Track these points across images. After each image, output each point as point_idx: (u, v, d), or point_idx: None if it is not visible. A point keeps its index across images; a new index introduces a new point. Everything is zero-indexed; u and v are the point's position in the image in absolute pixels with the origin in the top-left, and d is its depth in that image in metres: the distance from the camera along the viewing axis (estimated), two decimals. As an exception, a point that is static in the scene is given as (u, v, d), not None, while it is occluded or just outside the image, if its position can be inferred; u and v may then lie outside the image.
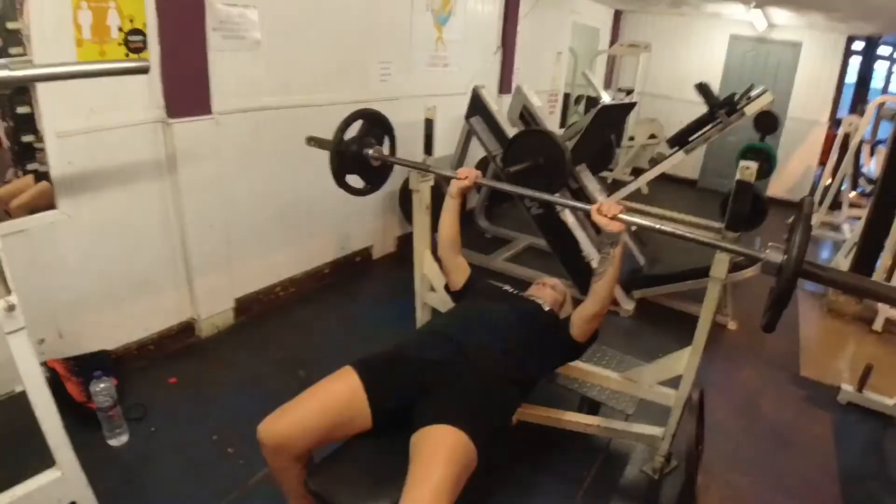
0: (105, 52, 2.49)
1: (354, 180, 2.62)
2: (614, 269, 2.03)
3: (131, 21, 2.56)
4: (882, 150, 5.85)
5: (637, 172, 6.31)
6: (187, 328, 3.22)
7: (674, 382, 2.35)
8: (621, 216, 1.96)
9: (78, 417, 2.42)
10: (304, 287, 3.92)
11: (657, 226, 1.96)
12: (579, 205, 2.07)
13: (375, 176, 2.64)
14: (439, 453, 1.58)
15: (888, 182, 4.36)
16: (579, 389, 2.63)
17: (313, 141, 2.58)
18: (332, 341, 3.37)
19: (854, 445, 3.03)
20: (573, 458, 2.64)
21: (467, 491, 1.64)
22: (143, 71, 1.88)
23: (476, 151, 4.76)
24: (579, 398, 2.72)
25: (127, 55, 2.58)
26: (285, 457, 1.71)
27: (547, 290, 2.44)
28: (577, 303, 2.27)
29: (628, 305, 3.96)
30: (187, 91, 2.85)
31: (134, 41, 2.60)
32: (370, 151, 2.52)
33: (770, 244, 1.67)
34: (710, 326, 2.15)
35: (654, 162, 5.94)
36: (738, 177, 1.94)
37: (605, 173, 7.48)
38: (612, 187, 6.71)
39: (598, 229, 4.35)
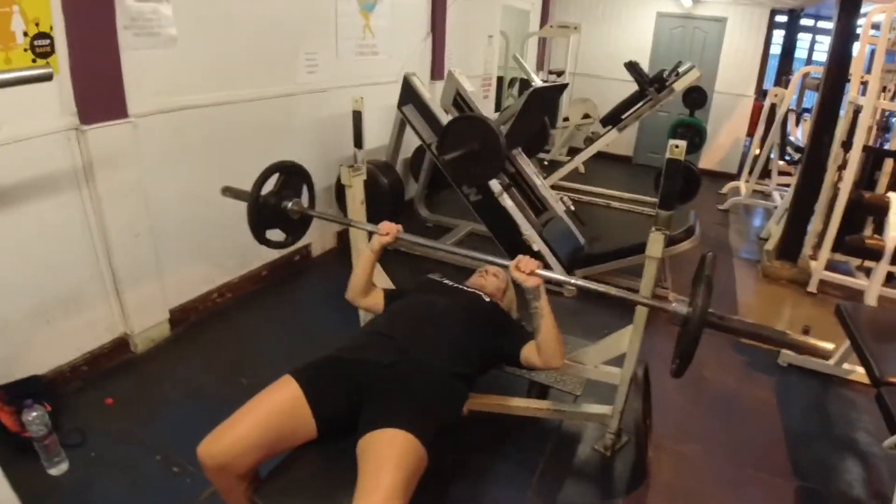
0: (11, 60, 2.31)
1: (275, 233, 2.47)
2: (548, 323, 2.00)
3: (37, 24, 2.38)
4: (808, 120, 6.07)
5: (573, 152, 6.37)
6: (121, 344, 3.06)
7: (619, 361, 2.37)
8: (538, 272, 1.95)
9: (14, 448, 2.29)
10: (242, 291, 3.79)
11: (571, 280, 1.97)
12: (498, 260, 2.04)
13: (296, 228, 2.51)
14: (388, 458, 1.54)
15: (814, 149, 4.52)
16: (527, 375, 2.62)
17: (229, 192, 2.43)
18: (274, 345, 3.27)
19: (797, 407, 3.14)
20: (526, 444, 2.64)
21: (419, 485, 1.61)
22: (46, 78, 1.73)
23: (411, 140, 4.71)
24: (528, 383, 2.72)
25: (34, 61, 2.39)
26: (229, 476, 1.63)
27: (489, 279, 2.43)
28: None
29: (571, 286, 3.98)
30: (100, 95, 2.67)
31: (40, 46, 2.41)
32: (289, 205, 2.38)
33: (677, 298, 1.76)
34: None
35: (590, 141, 6.03)
36: (667, 155, 1.94)
37: (541, 155, 7.54)
38: (549, 168, 6.78)
39: (537, 211, 4.40)
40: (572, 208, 4.62)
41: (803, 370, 3.43)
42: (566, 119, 7.67)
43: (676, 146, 1.92)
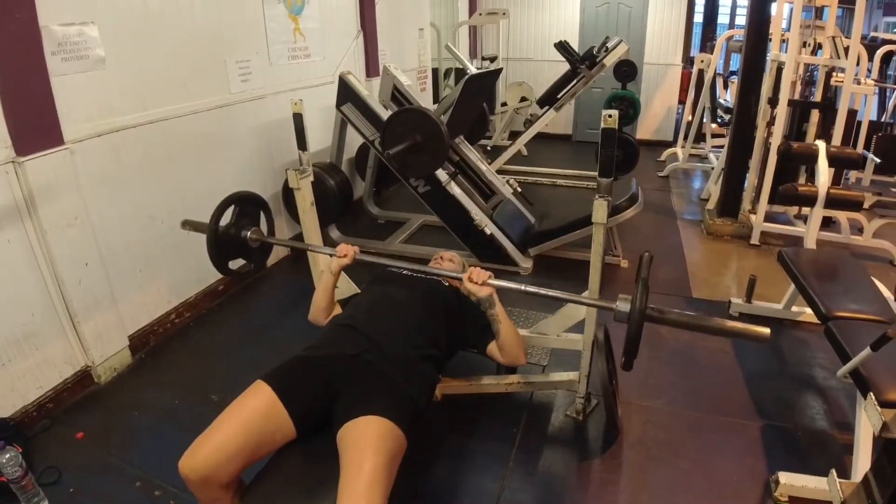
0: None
1: (236, 262, 2.51)
2: (506, 327, 2.10)
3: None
4: (735, 81, 6.31)
5: (515, 136, 6.48)
6: (84, 377, 2.99)
7: (579, 327, 2.46)
8: (490, 281, 2.02)
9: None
10: (200, 308, 3.75)
11: (522, 287, 2.04)
12: (452, 274, 2.10)
13: (257, 255, 2.55)
14: (367, 444, 1.57)
15: (742, 108, 4.72)
16: (494, 353, 2.68)
17: (188, 224, 2.45)
18: (240, 358, 3.25)
19: (753, 352, 3.28)
20: (501, 419, 2.71)
21: (402, 473, 1.64)
22: None
23: (354, 139, 4.71)
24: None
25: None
26: (213, 488, 1.63)
27: (445, 265, 2.48)
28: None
29: (526, 264, 4.07)
30: (35, 124, 2.61)
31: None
32: (248, 234, 2.42)
33: (620, 296, 1.86)
34: (601, 269, 2.24)
35: (529, 123, 6.12)
36: (602, 125, 2.02)
37: (484, 141, 7.62)
38: (492, 153, 6.86)
39: (485, 196, 4.47)
40: (519, 190, 4.71)
41: (755, 317, 3.59)
42: (504, 104, 7.77)
43: (609, 116, 2.01)
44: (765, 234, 4.76)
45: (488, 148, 7.64)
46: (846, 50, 4.34)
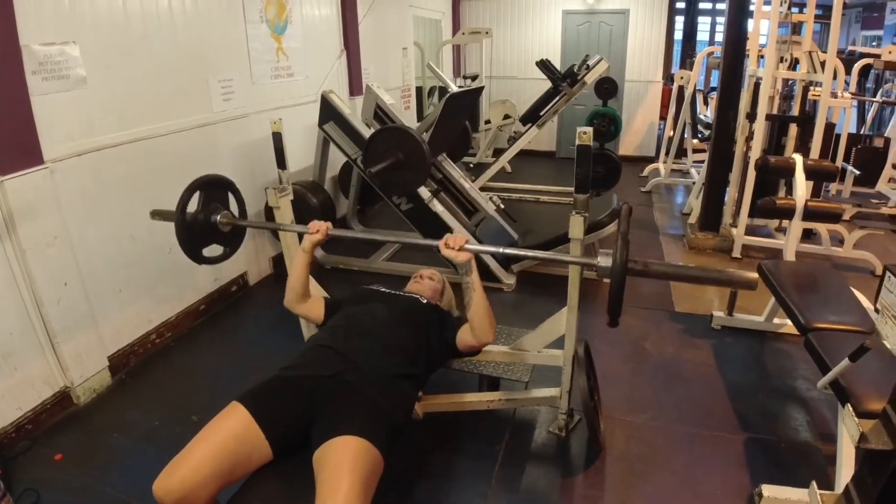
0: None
1: (212, 249, 2.45)
2: (479, 296, 2.07)
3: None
4: (715, 98, 6.40)
5: (499, 153, 6.52)
6: (64, 398, 2.95)
7: (560, 343, 2.46)
8: (467, 246, 2.02)
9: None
10: (181, 328, 3.71)
11: (500, 249, 2.05)
12: (428, 242, 2.11)
13: (231, 238, 2.49)
14: (343, 464, 1.56)
15: (721, 123, 4.78)
16: (475, 370, 2.68)
17: (157, 215, 2.40)
18: (222, 379, 3.21)
19: (735, 365, 3.31)
20: (484, 437, 2.70)
21: (383, 493, 1.61)
22: None
23: (337, 158, 4.72)
24: (478, 378, 2.77)
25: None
26: None
27: (425, 283, 2.48)
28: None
29: (509, 280, 4.08)
30: (14, 143, 2.60)
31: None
32: (218, 218, 2.36)
33: (601, 251, 1.85)
34: (580, 284, 2.25)
35: (513, 140, 6.17)
36: (576, 142, 2.04)
37: (467, 158, 7.67)
38: (476, 171, 6.89)
39: (469, 213, 4.48)
40: (502, 206, 4.73)
41: (736, 330, 3.62)
42: (488, 122, 7.83)
43: (584, 133, 2.03)
44: (746, 248, 4.80)
45: (471, 165, 7.68)
46: (823, 64, 4.42)
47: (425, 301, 2.32)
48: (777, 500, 2.23)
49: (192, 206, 2.29)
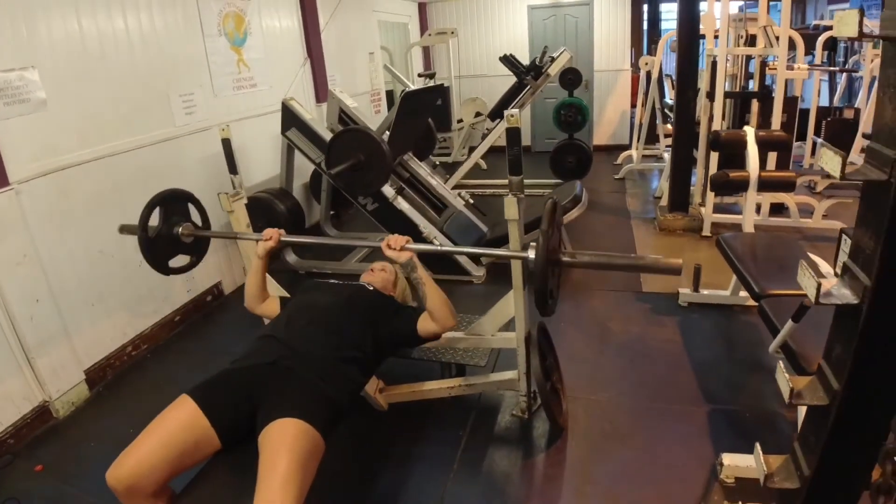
0: None
1: (179, 259, 2.55)
2: (431, 288, 2.13)
3: None
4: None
5: (474, 151, 6.56)
6: (42, 412, 3.01)
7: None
8: (408, 246, 2.11)
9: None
10: (157, 339, 3.76)
11: (438, 248, 2.12)
12: (370, 243, 2.23)
13: (196, 247, 2.59)
14: (280, 445, 1.62)
15: (681, 104, 4.84)
16: (435, 357, 2.73)
17: (125, 229, 2.50)
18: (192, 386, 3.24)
19: (701, 340, 3.35)
20: (448, 423, 2.75)
21: (344, 483, 1.66)
22: None
23: (307, 165, 4.76)
24: (440, 366, 2.81)
25: None
26: (140, 498, 1.67)
27: (377, 274, 2.52)
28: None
29: (479, 272, 4.13)
30: (-22, 167, 2.67)
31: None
32: (179, 230, 2.46)
33: (531, 244, 1.93)
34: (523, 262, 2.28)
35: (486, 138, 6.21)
36: (505, 125, 2.09)
37: (443, 158, 7.72)
38: (451, 168, 6.93)
39: (438, 210, 4.53)
40: (471, 201, 4.78)
41: (703, 305, 3.67)
42: (460, 120, 7.89)
43: (512, 115, 2.08)
44: (716, 226, 4.85)
45: (438, 164, 7.70)
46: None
47: (371, 288, 2.37)
48: (738, 468, 2.27)
49: (156, 220, 2.38)
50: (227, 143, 2.76)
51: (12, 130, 2.84)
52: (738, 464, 2.28)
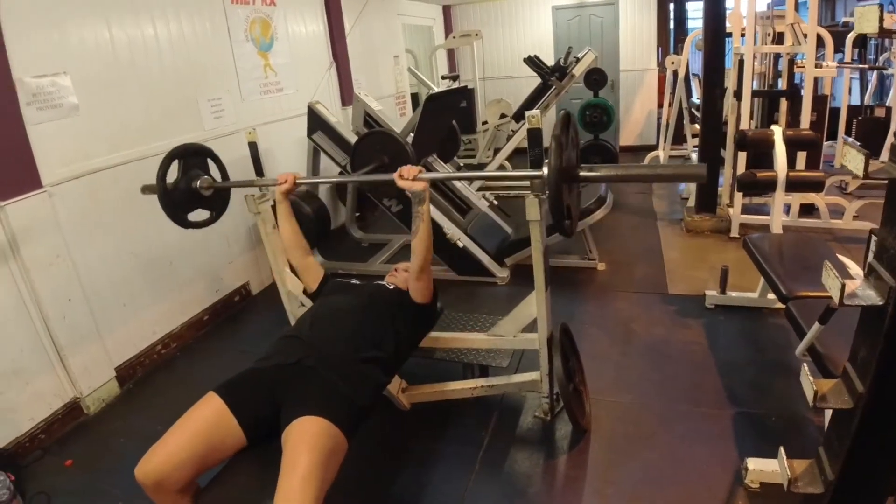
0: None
1: (198, 214, 2.62)
2: (425, 225, 2.17)
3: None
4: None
5: (499, 153, 6.56)
6: (74, 408, 3.10)
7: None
8: (421, 175, 2.13)
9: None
10: (186, 339, 3.84)
11: (456, 174, 2.14)
12: (383, 177, 2.29)
13: (216, 201, 2.65)
14: (302, 443, 1.65)
15: (708, 103, 4.78)
16: (457, 358, 2.74)
17: (147, 189, 2.57)
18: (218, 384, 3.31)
19: (728, 342, 3.30)
20: (470, 424, 2.76)
21: (366, 481, 1.67)
22: None
23: (330, 167, 4.81)
24: (462, 367, 2.82)
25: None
26: (168, 493, 1.71)
27: (400, 275, 2.55)
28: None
29: (502, 273, 4.13)
30: (13, 170, 2.77)
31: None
32: (198, 183, 2.52)
33: (546, 162, 1.91)
34: (544, 263, 2.29)
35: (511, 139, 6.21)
36: (526, 126, 2.10)
37: (468, 160, 7.73)
38: (475, 170, 6.94)
39: (462, 211, 4.54)
40: (495, 203, 4.79)
41: (730, 308, 3.61)
42: (485, 122, 7.89)
43: (533, 116, 2.08)
44: (745, 227, 4.78)
45: (463, 165, 7.71)
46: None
47: (392, 287, 2.40)
48: (763, 472, 2.23)
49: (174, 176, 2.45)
50: (253, 147, 2.82)
51: (45, 135, 2.93)
52: (763, 468, 2.23)
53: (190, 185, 2.52)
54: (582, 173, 1.90)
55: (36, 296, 2.88)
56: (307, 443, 1.64)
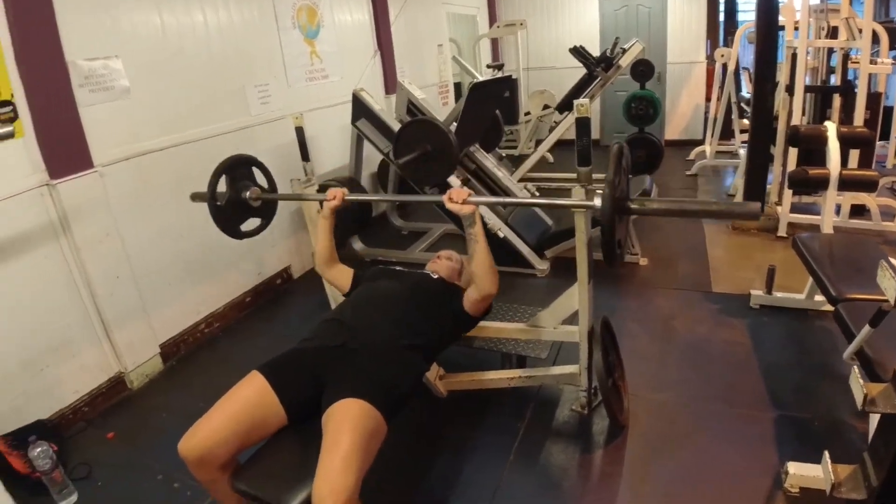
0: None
1: (249, 223, 2.66)
2: (482, 248, 2.15)
3: (-2, 95, 2.57)
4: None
5: (541, 144, 6.51)
6: (118, 383, 3.20)
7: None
8: (470, 199, 2.12)
9: (27, 489, 2.43)
10: (228, 319, 3.93)
11: (504, 199, 2.14)
12: (432, 198, 2.28)
13: (265, 209, 2.69)
14: (345, 424, 1.68)
15: (759, 98, 4.64)
16: (496, 347, 2.74)
17: (196, 197, 2.62)
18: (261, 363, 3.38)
19: (772, 343, 3.21)
20: (506, 413, 2.76)
21: (401, 465, 1.69)
22: (7, 136, 1.88)
23: (376, 155, 4.84)
24: (500, 356, 2.82)
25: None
26: (210, 468, 1.76)
27: (442, 262, 2.55)
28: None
29: (542, 266, 4.11)
30: (66, 150, 2.85)
31: (4, 113, 2.60)
32: (247, 194, 2.56)
33: (597, 191, 1.92)
34: (588, 256, 2.27)
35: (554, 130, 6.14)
36: (575, 115, 2.07)
37: (509, 150, 7.68)
38: (517, 161, 6.90)
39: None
40: (537, 194, 4.75)
41: (775, 309, 3.52)
42: (528, 113, 7.82)
43: (582, 105, 2.06)
44: (793, 226, 4.65)
45: (504, 156, 7.67)
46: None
47: (436, 276, 2.41)
48: (804, 477, 2.17)
49: (223, 187, 2.49)
50: (300, 132, 2.86)
51: (97, 116, 3.02)
52: (804, 473, 2.18)
53: (239, 196, 2.55)
54: (633, 206, 1.89)
55: (85, 272, 2.97)
56: (349, 424, 1.66)
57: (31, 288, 2.76)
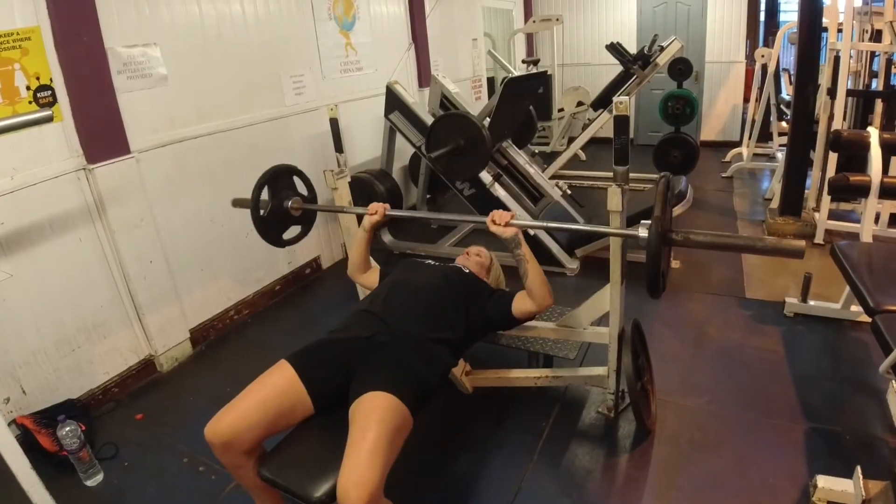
0: (17, 113, 2.53)
1: (290, 231, 2.70)
2: (533, 266, 2.15)
3: (38, 78, 2.62)
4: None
5: (574, 141, 6.45)
6: (148, 365, 3.26)
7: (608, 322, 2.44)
8: (513, 221, 2.11)
9: (54, 467, 2.48)
10: (258, 306, 3.98)
11: (544, 223, 2.23)
12: (476, 218, 2.25)
13: (305, 218, 2.72)
14: (372, 416, 1.68)
15: (800, 101, 4.52)
16: (524, 346, 2.72)
17: (238, 203, 2.66)
18: (292, 352, 3.41)
19: (806, 353, 3.14)
20: (532, 412, 2.74)
21: (424, 461, 1.69)
22: (46, 120, 1.91)
23: (405, 148, 4.85)
24: (527, 355, 2.81)
25: (39, 112, 2.63)
26: (235, 453, 1.78)
27: (472, 258, 2.54)
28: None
29: (572, 265, 4.07)
30: (103, 135, 2.90)
31: (43, 97, 2.65)
32: (289, 204, 2.59)
33: (642, 222, 1.86)
34: (622, 258, 2.24)
35: (588, 128, 6.08)
36: (614, 112, 2.04)
37: (541, 147, 7.62)
38: (549, 158, 6.85)
39: (534, 199, 4.49)
40: (569, 192, 4.71)
41: (810, 318, 3.44)
42: (561, 109, 7.75)
43: (621, 103, 2.02)
44: (830, 233, 4.54)
45: (536, 152, 7.60)
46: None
47: (468, 271, 2.40)
48: (832, 491, 2.11)
49: (265, 195, 2.51)
50: (334, 123, 2.86)
51: (135, 103, 3.07)
52: (833, 487, 2.12)
53: (281, 207, 2.58)
54: (677, 238, 1.87)
55: (119, 255, 3.03)
56: (376, 417, 1.66)
57: (66, 269, 2.82)
